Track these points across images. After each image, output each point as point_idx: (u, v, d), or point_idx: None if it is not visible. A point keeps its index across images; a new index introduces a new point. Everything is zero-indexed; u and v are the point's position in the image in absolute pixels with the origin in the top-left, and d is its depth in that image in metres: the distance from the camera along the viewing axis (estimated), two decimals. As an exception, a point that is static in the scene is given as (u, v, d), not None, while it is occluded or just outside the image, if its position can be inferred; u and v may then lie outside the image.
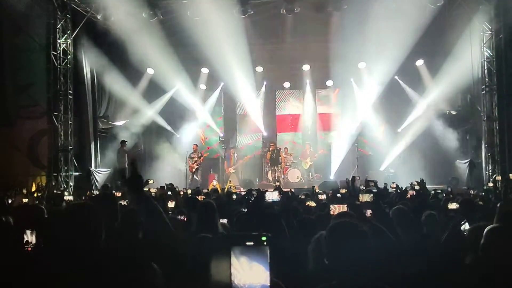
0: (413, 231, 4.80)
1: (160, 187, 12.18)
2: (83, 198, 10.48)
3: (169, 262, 2.97)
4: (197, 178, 18.51)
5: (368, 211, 5.09)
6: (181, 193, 11.77)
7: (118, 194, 10.86)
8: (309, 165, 20.05)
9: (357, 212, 4.52)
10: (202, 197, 10.67)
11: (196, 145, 19.21)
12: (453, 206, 6.23)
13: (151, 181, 13.23)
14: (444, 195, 10.02)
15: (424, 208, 5.61)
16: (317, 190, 11.55)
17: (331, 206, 5.52)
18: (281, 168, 19.25)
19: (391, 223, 4.76)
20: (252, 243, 1.90)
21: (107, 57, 16.64)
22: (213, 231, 4.27)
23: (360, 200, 6.09)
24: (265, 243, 1.91)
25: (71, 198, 9.93)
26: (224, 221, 5.44)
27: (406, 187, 10.75)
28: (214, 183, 17.86)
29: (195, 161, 18.47)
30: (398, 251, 3.92)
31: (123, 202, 7.97)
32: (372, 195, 6.31)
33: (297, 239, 4.20)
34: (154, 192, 11.86)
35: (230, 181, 17.82)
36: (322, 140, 21.95)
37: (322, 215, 5.67)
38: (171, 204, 7.60)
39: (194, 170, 18.48)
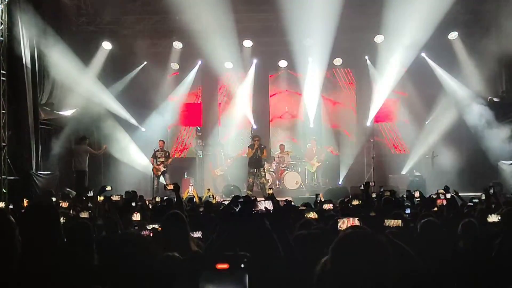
0: (447, 248, 4.77)
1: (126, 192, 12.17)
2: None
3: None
4: (164, 183, 18.34)
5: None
6: (147, 202, 11.73)
7: (65, 204, 10.79)
8: (316, 167, 19.97)
9: (372, 227, 4.48)
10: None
11: (163, 141, 19.07)
12: (494, 218, 6.19)
13: (108, 188, 13.18)
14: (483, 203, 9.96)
15: (458, 219, 5.58)
16: (322, 199, 11.48)
17: (338, 219, 5.47)
18: (263, 173, 18.73)
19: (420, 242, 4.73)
20: (225, 267, 1.83)
21: (52, 27, 16.49)
22: (184, 249, 4.23)
23: (387, 225, 5.99)
24: (242, 266, 1.83)
25: (2, 205, 9.83)
26: (198, 234, 5.40)
27: (431, 195, 10.71)
28: (190, 190, 17.76)
29: (161, 162, 18.30)
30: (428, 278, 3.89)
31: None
32: (401, 220, 6.16)
33: (293, 260, 4.16)
34: (116, 201, 11.83)
35: (209, 189, 17.54)
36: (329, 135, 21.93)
37: (326, 230, 5.63)
38: (136, 217, 7.51)
39: (160, 173, 18.38)
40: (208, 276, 1.80)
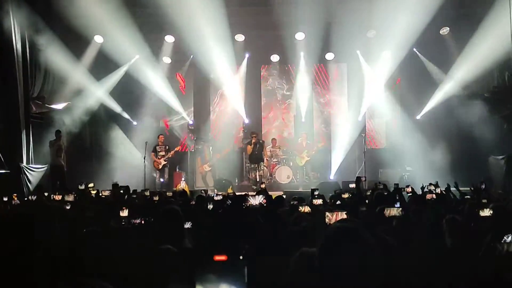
0: (435, 245, 4.82)
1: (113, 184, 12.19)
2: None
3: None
4: (162, 179, 18.49)
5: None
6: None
7: (58, 197, 10.81)
8: (305, 161, 19.87)
9: (361, 221, 4.54)
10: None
11: (163, 135, 19.25)
12: (486, 213, 6.29)
13: (90, 185, 13.27)
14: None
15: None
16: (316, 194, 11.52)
17: (326, 213, 5.50)
18: (263, 166, 19.02)
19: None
20: (223, 259, 1.79)
21: (43, 20, 16.43)
22: (178, 244, 4.27)
23: (387, 215, 6.08)
24: (241, 258, 1.80)
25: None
26: (188, 225, 5.44)
27: (423, 187, 10.83)
28: (182, 184, 17.79)
29: (162, 156, 18.43)
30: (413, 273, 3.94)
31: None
32: (401, 208, 6.26)
33: (286, 255, 4.21)
34: (106, 196, 11.86)
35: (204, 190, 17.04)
36: (320, 130, 21.98)
37: (316, 224, 5.68)
38: (124, 214, 7.46)
39: (161, 167, 18.56)
40: (207, 268, 1.76)
